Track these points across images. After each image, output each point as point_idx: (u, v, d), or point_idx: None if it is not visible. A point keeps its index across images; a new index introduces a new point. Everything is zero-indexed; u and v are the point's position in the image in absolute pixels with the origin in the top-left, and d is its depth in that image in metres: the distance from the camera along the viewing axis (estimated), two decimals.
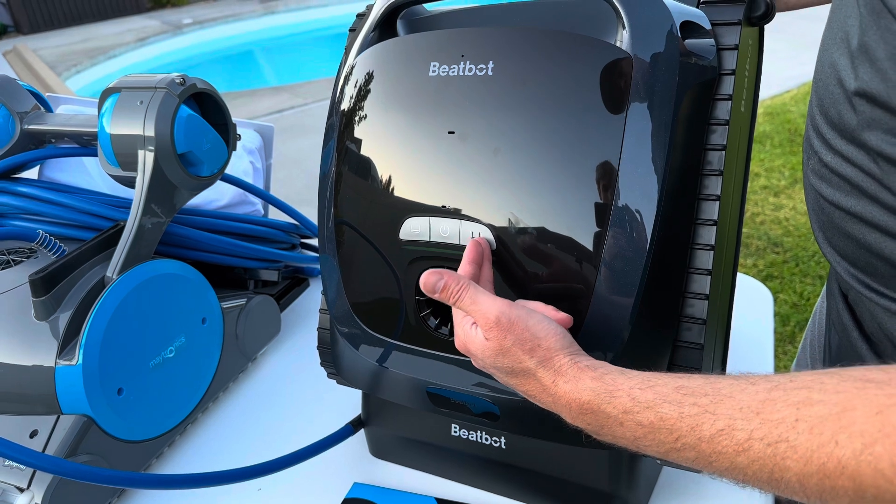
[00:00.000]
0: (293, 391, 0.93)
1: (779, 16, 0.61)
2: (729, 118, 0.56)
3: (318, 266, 1.12)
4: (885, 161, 0.52)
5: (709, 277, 0.57)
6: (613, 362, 0.54)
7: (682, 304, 0.58)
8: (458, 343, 0.55)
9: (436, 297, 0.54)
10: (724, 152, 0.56)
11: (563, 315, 0.53)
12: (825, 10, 0.79)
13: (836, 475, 0.35)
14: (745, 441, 0.39)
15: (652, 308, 0.55)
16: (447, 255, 0.60)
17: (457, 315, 0.55)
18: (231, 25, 9.09)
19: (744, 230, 0.65)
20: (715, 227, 0.57)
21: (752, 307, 0.99)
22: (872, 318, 0.61)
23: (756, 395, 0.40)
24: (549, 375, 0.49)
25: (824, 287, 0.77)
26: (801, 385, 0.38)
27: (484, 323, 0.51)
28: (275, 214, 1.13)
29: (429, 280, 0.54)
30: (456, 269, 0.57)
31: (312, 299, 1.12)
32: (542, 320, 0.51)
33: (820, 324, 0.80)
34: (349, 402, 0.84)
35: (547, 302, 0.55)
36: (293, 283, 1.10)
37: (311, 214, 1.08)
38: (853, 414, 0.35)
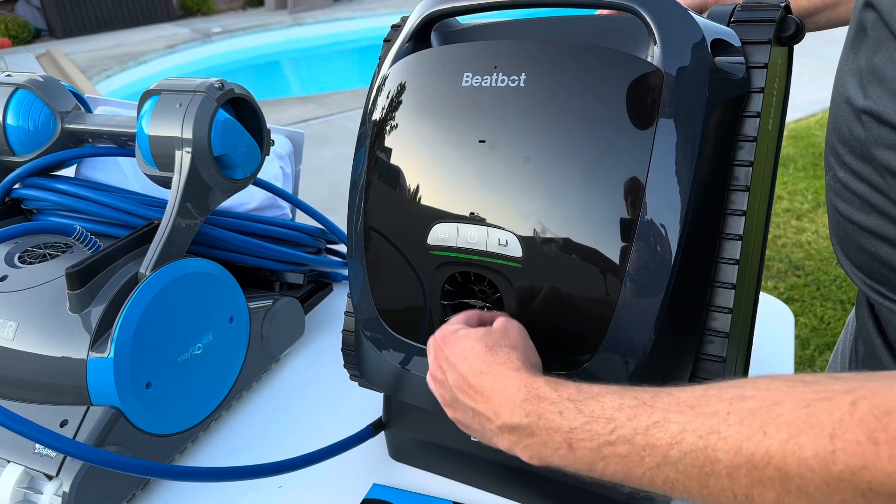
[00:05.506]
0: (315, 392, 0.94)
1: (805, 40, 0.62)
2: (757, 135, 0.57)
3: (342, 271, 1.14)
4: (893, 177, 0.53)
5: (733, 291, 0.57)
6: (636, 372, 0.55)
7: (706, 317, 0.58)
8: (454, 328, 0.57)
9: None
10: (751, 168, 0.57)
11: None
12: None
13: (764, 465, 0.36)
14: (678, 433, 0.40)
15: (675, 320, 0.56)
16: (473, 262, 0.61)
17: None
18: (259, 35, 9.20)
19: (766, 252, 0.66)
20: (740, 242, 0.57)
21: (773, 326, 0.99)
22: (893, 328, 0.63)
23: (693, 392, 0.42)
24: (516, 359, 0.52)
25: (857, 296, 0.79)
26: (735, 385, 0.41)
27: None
28: (301, 219, 1.15)
29: None
30: (482, 276, 0.60)
31: (336, 304, 1.13)
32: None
33: (852, 332, 0.81)
34: (370, 404, 0.86)
35: (571, 311, 0.56)
36: (317, 287, 1.12)
37: (335, 223, 1.10)
38: (781, 407, 0.37)
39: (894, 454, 0.32)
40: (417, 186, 0.64)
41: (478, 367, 0.52)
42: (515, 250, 0.59)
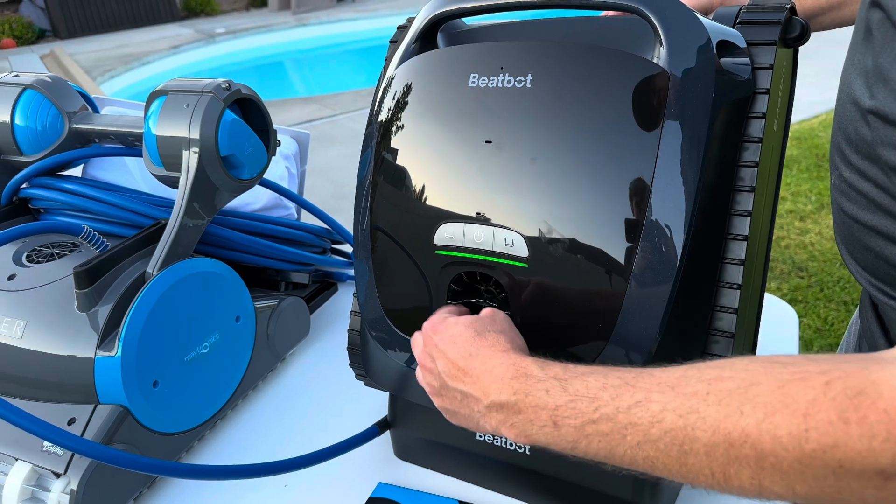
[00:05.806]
0: (321, 391, 0.95)
1: (809, 41, 0.62)
2: (762, 136, 0.58)
3: (347, 271, 1.14)
4: None
5: (738, 292, 0.58)
6: None
7: (711, 317, 0.59)
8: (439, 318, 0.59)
9: None
10: (756, 169, 0.57)
11: None
12: None
13: (740, 444, 0.37)
14: (659, 412, 0.41)
15: (680, 320, 0.56)
16: (479, 261, 0.61)
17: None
18: (263, 36, 9.22)
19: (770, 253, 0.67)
20: (745, 243, 0.58)
21: (777, 327, 0.99)
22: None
23: (674, 373, 0.43)
24: (504, 342, 0.53)
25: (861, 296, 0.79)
26: (714, 366, 0.42)
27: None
28: (306, 219, 1.16)
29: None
30: (487, 276, 0.61)
31: (341, 303, 1.14)
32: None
33: (856, 333, 0.82)
34: (375, 403, 0.86)
35: (576, 311, 0.57)
36: (322, 287, 1.12)
37: (340, 223, 1.10)
38: (758, 388, 0.38)
39: (864, 433, 0.33)
40: (424, 186, 0.64)
41: (467, 350, 0.54)
42: (521, 250, 0.59)
